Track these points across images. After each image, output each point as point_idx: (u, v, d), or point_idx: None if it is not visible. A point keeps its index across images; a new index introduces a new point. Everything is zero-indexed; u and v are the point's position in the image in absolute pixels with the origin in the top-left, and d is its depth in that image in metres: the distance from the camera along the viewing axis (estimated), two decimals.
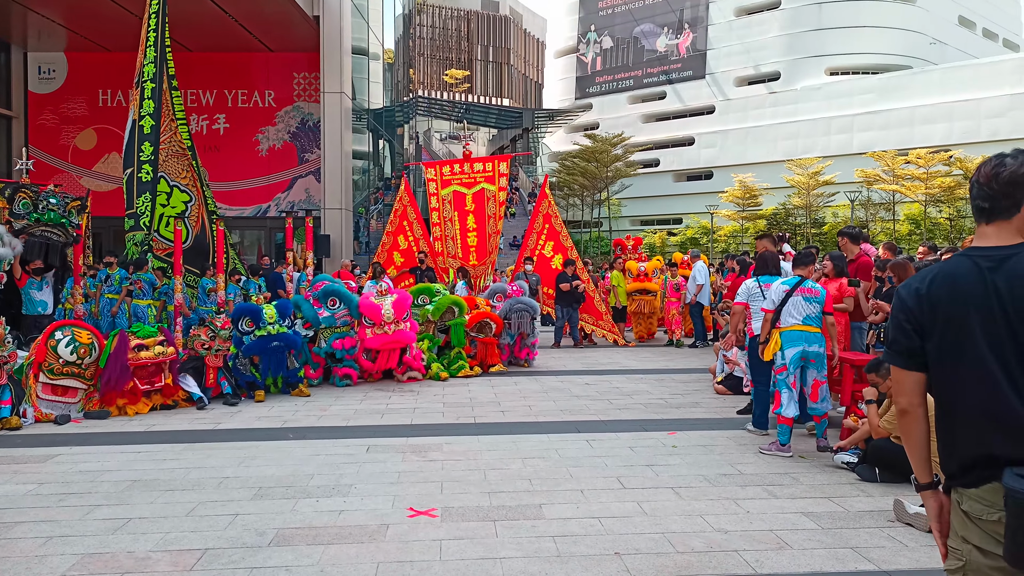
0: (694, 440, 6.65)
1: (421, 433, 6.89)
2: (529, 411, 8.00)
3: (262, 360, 8.80)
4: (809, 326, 6.34)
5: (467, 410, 8.04)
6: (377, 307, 9.67)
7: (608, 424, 7.33)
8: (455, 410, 8.03)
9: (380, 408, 8.16)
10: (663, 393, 9.19)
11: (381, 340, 9.62)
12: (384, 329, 9.67)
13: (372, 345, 9.63)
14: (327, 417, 7.68)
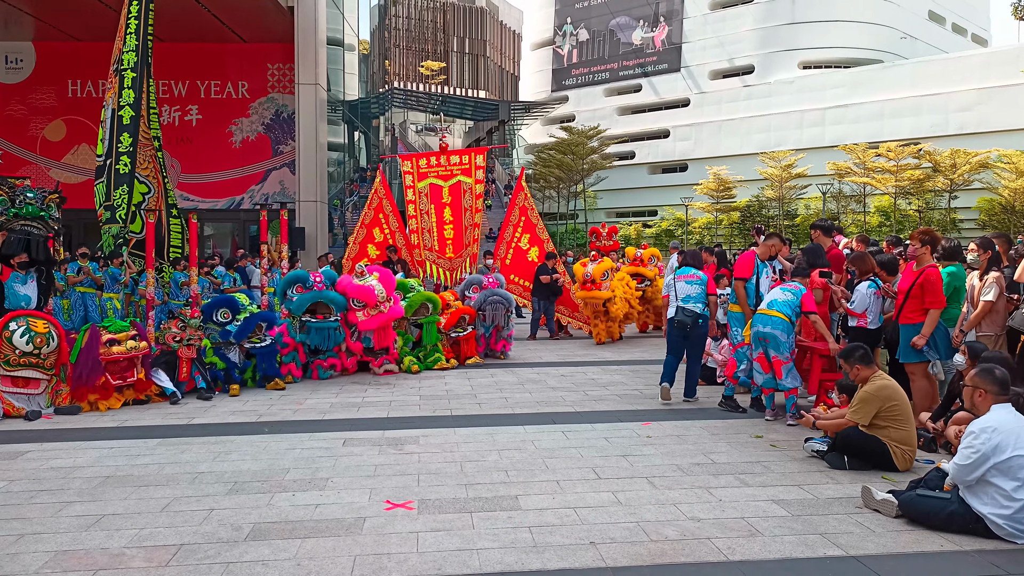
0: (668, 430, 6.71)
1: (398, 426, 6.89)
2: (505, 403, 8.02)
3: (258, 360, 8.92)
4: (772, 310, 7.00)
5: (444, 402, 8.04)
6: (369, 288, 9.68)
7: (584, 415, 7.37)
8: (432, 403, 8.03)
9: (356, 401, 8.14)
10: (638, 384, 9.24)
11: (378, 320, 9.67)
12: (380, 308, 9.72)
13: (370, 327, 9.67)
14: (303, 411, 7.65)
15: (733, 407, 7.49)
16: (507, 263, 14.74)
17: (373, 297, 9.68)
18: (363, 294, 9.66)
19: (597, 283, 13.65)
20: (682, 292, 7.91)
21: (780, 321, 6.90)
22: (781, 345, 6.90)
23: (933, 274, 6.52)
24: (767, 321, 6.96)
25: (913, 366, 6.58)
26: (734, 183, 47.12)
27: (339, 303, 9.67)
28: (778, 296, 7.09)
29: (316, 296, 9.60)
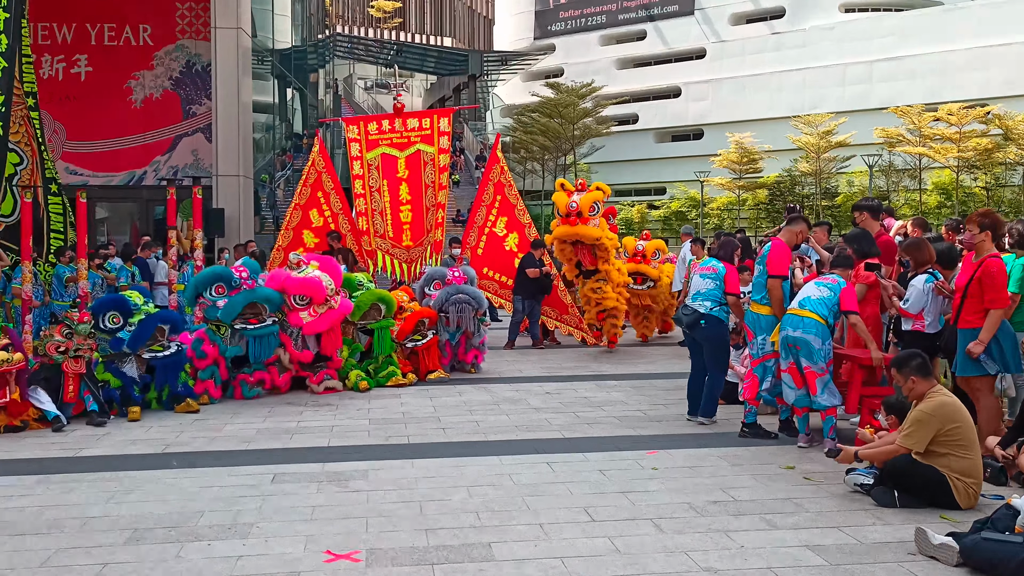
0: (679, 460, 6.77)
1: (341, 457, 6.88)
2: (476, 428, 8.04)
3: (158, 374, 8.87)
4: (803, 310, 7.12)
5: (399, 428, 8.04)
6: (315, 280, 9.70)
7: (574, 443, 7.40)
8: (384, 428, 8.03)
9: (289, 426, 8.12)
10: (642, 404, 9.29)
11: (328, 319, 9.72)
12: (330, 304, 9.74)
13: (319, 328, 9.70)
14: (222, 439, 7.61)
15: (758, 434, 7.55)
16: (479, 253, 14.78)
17: (322, 291, 9.70)
18: (308, 288, 9.67)
19: (647, 258, 13.96)
20: (695, 287, 8.05)
21: (813, 323, 6.97)
22: (815, 353, 6.97)
23: (994, 266, 6.53)
24: (798, 323, 7.03)
25: (977, 380, 6.58)
26: (760, 154, 47.64)
27: (275, 302, 9.67)
28: (812, 293, 7.15)
29: (249, 297, 9.58)
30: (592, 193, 12.33)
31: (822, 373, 7.00)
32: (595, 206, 12.21)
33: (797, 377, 7.15)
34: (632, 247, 14.49)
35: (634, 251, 14.33)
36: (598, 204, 12.28)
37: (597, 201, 12.28)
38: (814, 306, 7.05)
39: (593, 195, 12.32)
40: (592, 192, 12.37)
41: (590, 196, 12.25)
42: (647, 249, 14.30)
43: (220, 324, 9.49)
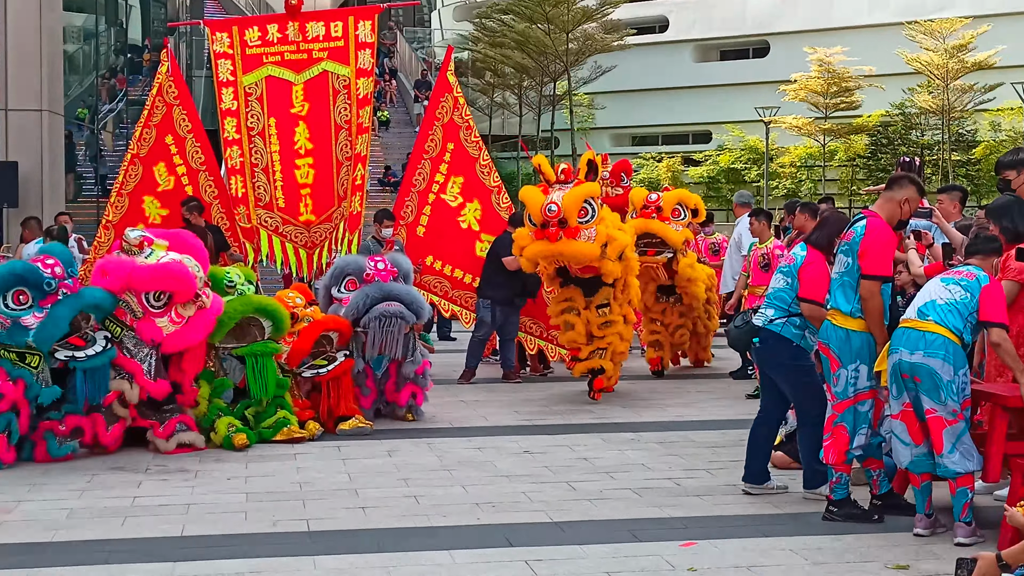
0: (730, 557, 6.77)
1: (202, 553, 6.83)
2: (415, 507, 8.03)
3: None
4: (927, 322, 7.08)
5: (294, 507, 8.01)
6: (177, 267, 9.68)
7: (567, 530, 7.40)
8: (271, 507, 8.00)
9: (120, 505, 8.06)
10: (672, 468, 9.31)
11: (201, 326, 9.80)
12: (201, 302, 9.78)
13: (187, 341, 9.75)
14: (13, 527, 7.53)
15: (852, 516, 7.57)
16: (419, 234, 14.74)
17: (189, 281, 9.67)
18: (168, 279, 9.63)
19: (666, 216, 14.17)
20: (928, 294, 7.75)
21: (942, 342, 6.96)
22: (943, 388, 6.95)
23: None
24: (918, 342, 7.05)
25: None
26: (858, 80, 47.73)
27: (106, 307, 9.62)
28: (937, 294, 7.17)
29: (77, 306, 9.48)
30: (583, 186, 11.72)
31: (953, 420, 6.97)
32: (588, 206, 11.64)
33: (915, 426, 7.16)
34: (640, 200, 14.56)
35: (645, 202, 14.40)
36: (592, 203, 11.70)
37: (591, 198, 11.75)
38: (941, 315, 7.06)
39: (585, 189, 11.70)
40: (583, 186, 11.74)
41: (580, 192, 11.61)
42: (664, 203, 14.33)
43: (28, 352, 9.40)
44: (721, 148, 52.68)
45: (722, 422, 11.49)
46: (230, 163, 14.87)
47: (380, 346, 11.12)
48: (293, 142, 14.93)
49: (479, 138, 15.22)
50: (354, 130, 14.78)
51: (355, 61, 14.97)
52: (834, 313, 7.63)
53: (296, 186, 14.85)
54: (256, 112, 14.92)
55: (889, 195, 7.82)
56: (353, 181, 14.64)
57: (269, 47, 15.06)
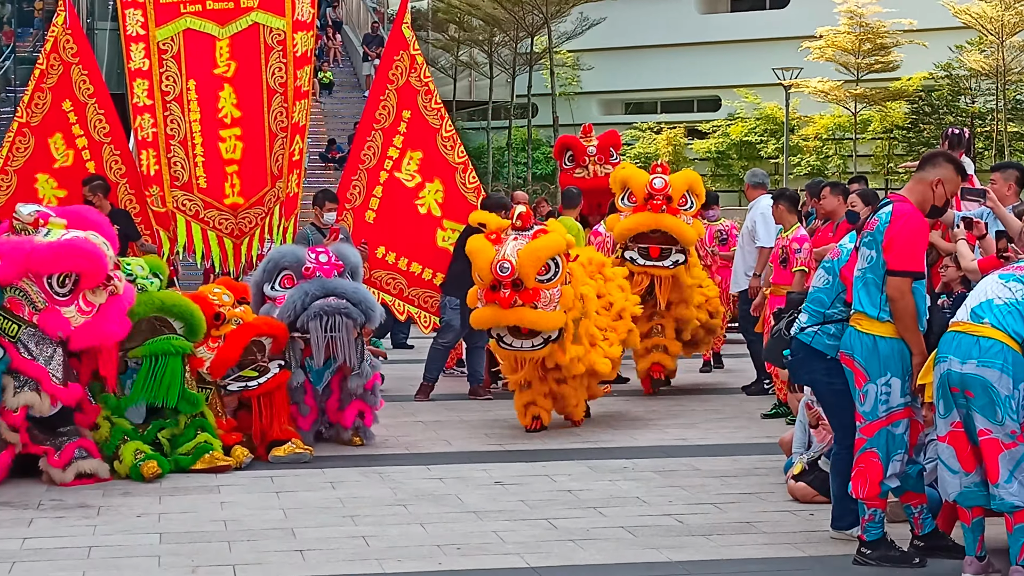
0: None
1: None
2: (364, 550, 8.00)
3: None
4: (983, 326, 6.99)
5: (218, 550, 7.99)
6: (83, 244, 9.64)
7: (548, 575, 7.41)
8: (189, 550, 7.96)
9: (7, 548, 8.00)
10: (674, 502, 9.31)
11: (115, 315, 9.70)
12: (114, 287, 9.74)
13: (101, 335, 9.68)
14: None
15: (888, 558, 7.60)
16: (369, 220, 14.74)
17: (99, 261, 9.59)
18: (73, 258, 9.58)
19: (675, 206, 14.01)
20: (983, 293, 7.75)
21: (1000, 350, 6.95)
22: (1000, 405, 6.92)
23: None
24: (970, 349, 7.02)
25: None
26: (895, 36, 47.82)
27: None
28: (995, 293, 7.17)
29: None
30: (546, 239, 11.64)
31: (1012, 444, 6.95)
32: (551, 263, 11.56)
33: (965, 451, 7.15)
34: (641, 187, 13.94)
35: (647, 193, 13.85)
36: (557, 258, 11.67)
37: (556, 254, 11.68)
38: (999, 318, 7.07)
39: (548, 242, 11.61)
40: (546, 237, 11.66)
41: (541, 246, 11.56)
42: (673, 188, 13.89)
43: None
44: (732, 117, 52.74)
45: (732, 447, 11.51)
46: (140, 134, 14.83)
47: (325, 352, 11.07)
48: (217, 109, 14.89)
49: (441, 105, 15.24)
50: (290, 95, 14.76)
51: (292, 11, 14.94)
52: (858, 317, 7.56)
53: (221, 162, 14.82)
54: (172, 73, 14.87)
55: (920, 176, 7.76)
56: (290, 157, 14.64)
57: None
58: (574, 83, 54.03)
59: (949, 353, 7.09)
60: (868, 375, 7.48)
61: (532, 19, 48.19)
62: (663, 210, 13.59)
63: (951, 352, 7.08)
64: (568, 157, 17.14)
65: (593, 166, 16.43)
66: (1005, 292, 7.14)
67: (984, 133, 44.70)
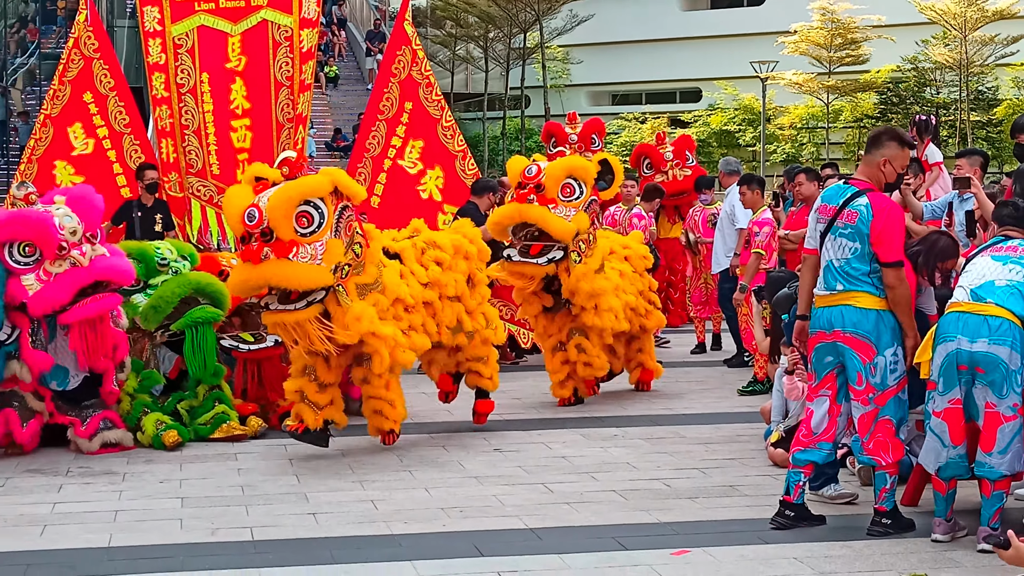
0: (729, 565, 6.81)
1: (131, 567, 6.81)
2: (372, 513, 8.05)
3: None
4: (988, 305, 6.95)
5: (236, 513, 8.02)
6: (37, 216, 9.48)
7: (545, 537, 7.42)
8: (210, 513, 7.99)
9: (38, 512, 8.03)
10: (661, 467, 9.35)
11: (69, 282, 9.38)
12: (75, 259, 9.42)
13: (53, 301, 9.29)
14: None
15: (902, 524, 7.48)
16: (374, 205, 14.70)
17: (48, 230, 9.39)
18: (22, 225, 9.49)
19: (547, 196, 11.51)
20: (980, 275, 7.42)
21: (1008, 328, 6.93)
22: (1008, 380, 6.93)
23: None
24: (979, 328, 6.98)
25: None
26: (865, 31, 47.81)
27: None
28: (995, 273, 7.10)
29: None
30: (302, 182, 9.26)
31: (1012, 416, 6.92)
32: (314, 211, 9.18)
33: (958, 425, 7.10)
34: (516, 175, 11.79)
35: (518, 181, 11.64)
36: (320, 205, 9.24)
37: (316, 198, 9.23)
38: (1002, 296, 7.00)
39: (303, 186, 9.18)
40: (302, 181, 9.28)
41: (294, 190, 9.09)
42: (548, 177, 11.55)
43: None
44: (712, 108, 52.64)
45: (716, 415, 11.54)
46: (159, 124, 14.79)
47: None
48: (229, 101, 14.84)
49: (441, 96, 15.19)
50: (296, 87, 14.72)
51: (299, 9, 14.89)
52: (856, 295, 7.42)
53: (232, 151, 14.77)
54: (187, 67, 14.82)
55: (869, 158, 7.67)
56: (294, 145, 14.60)
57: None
58: (564, 76, 53.93)
59: (956, 333, 7.03)
60: (877, 348, 7.37)
61: (525, 16, 48.12)
62: (531, 200, 11.41)
63: (959, 332, 7.03)
64: (552, 143, 17.13)
65: (573, 153, 16.37)
66: (1005, 273, 7.09)
67: (948, 122, 44.63)
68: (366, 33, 46.00)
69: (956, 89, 46.60)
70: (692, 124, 51.90)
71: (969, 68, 45.62)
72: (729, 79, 51.54)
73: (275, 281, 9.05)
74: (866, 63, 48.14)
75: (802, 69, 48.14)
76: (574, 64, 54.25)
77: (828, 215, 7.53)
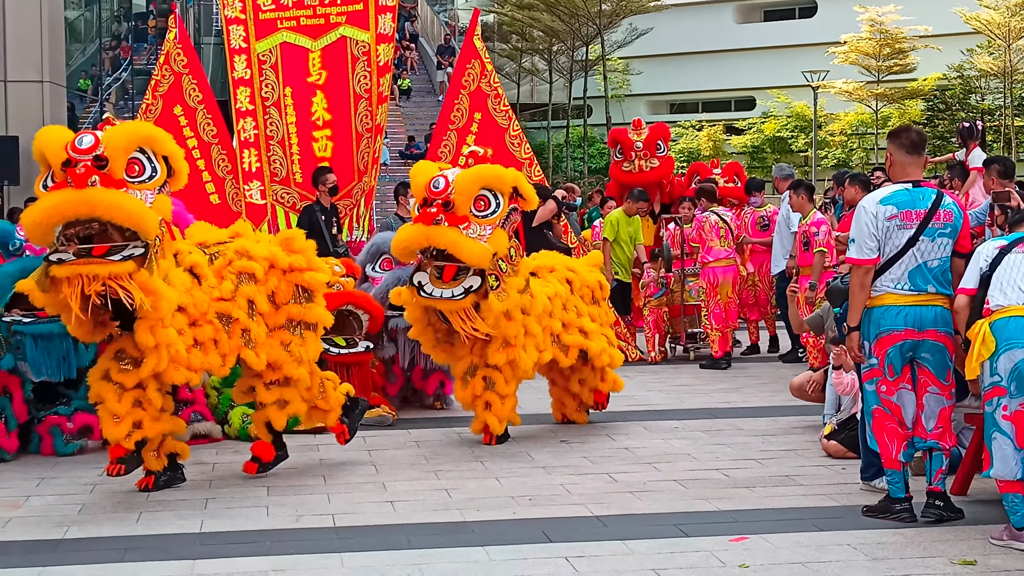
0: (785, 551, 6.77)
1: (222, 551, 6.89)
2: (446, 501, 8.08)
3: None
4: None
5: (318, 501, 8.08)
6: None
7: (609, 524, 7.42)
8: (293, 501, 8.08)
9: (134, 500, 8.09)
10: (720, 458, 9.35)
11: None
12: None
13: None
14: (22, 521, 7.58)
15: (954, 509, 7.44)
16: None
17: None
18: None
19: (458, 214, 9.59)
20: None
21: None
22: None
23: None
24: None
25: None
26: (912, 40, 47.42)
27: None
28: None
29: (28, 266, 8.98)
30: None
31: None
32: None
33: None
34: (421, 190, 9.80)
35: (423, 197, 9.69)
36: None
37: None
38: None
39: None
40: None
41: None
42: (457, 191, 9.60)
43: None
44: (766, 115, 52.43)
45: (771, 409, 11.52)
46: (243, 136, 14.90)
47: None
48: (310, 113, 14.94)
49: (509, 107, 15.23)
50: (374, 99, 14.80)
51: (375, 26, 14.97)
52: (945, 298, 7.34)
53: (314, 159, 14.86)
54: (271, 81, 14.93)
55: (916, 159, 7.59)
56: (374, 156, 14.68)
57: (284, 11, 15.05)
58: (624, 86, 53.90)
59: (1016, 335, 6.81)
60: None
61: (587, 30, 48.10)
62: (439, 220, 9.47)
63: (1018, 333, 6.82)
64: (618, 150, 17.02)
65: (639, 160, 16.27)
66: None
67: (993, 128, 44.14)
68: (437, 47, 46.16)
69: (1000, 96, 46.09)
70: (747, 131, 51.76)
71: (1013, 76, 45.13)
72: (782, 88, 51.37)
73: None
74: (913, 71, 47.79)
75: (852, 78, 47.88)
76: (634, 75, 54.20)
77: (915, 219, 7.31)
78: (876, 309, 7.38)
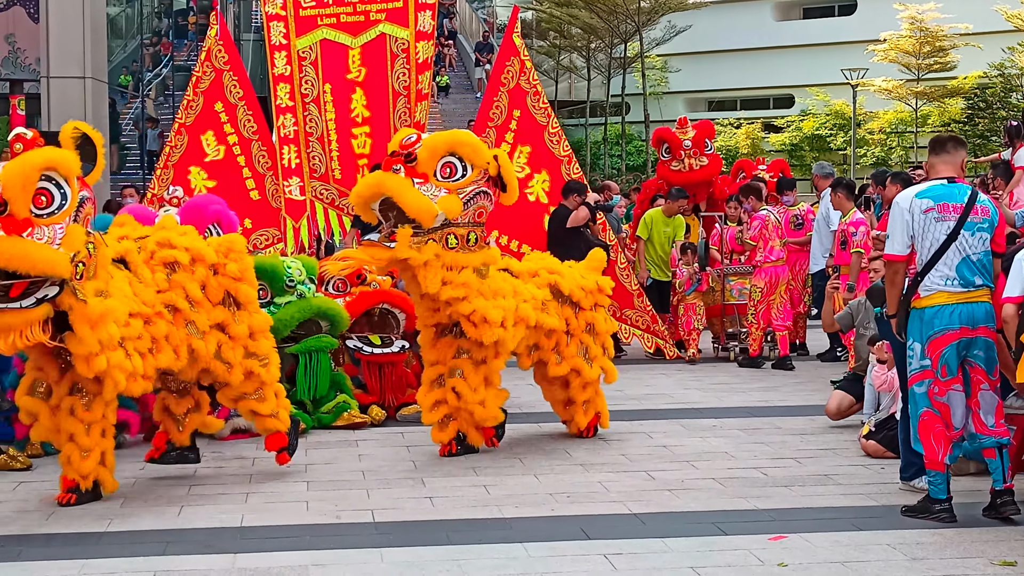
0: (824, 551, 6.76)
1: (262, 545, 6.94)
2: (484, 498, 8.09)
3: None
4: None
5: (357, 496, 8.13)
6: None
7: (647, 521, 7.43)
8: (333, 496, 8.11)
9: (176, 494, 8.16)
10: (758, 456, 9.34)
11: None
12: None
13: None
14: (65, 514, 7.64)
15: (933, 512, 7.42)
16: None
17: None
18: None
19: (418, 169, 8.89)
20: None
21: None
22: None
23: None
24: None
25: None
26: (953, 39, 47.15)
27: None
28: None
29: None
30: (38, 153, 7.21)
31: None
32: (54, 188, 7.25)
33: None
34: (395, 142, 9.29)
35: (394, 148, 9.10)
36: (62, 184, 7.28)
37: (52, 169, 7.24)
38: None
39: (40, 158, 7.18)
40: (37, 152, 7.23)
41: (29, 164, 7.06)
42: (424, 149, 8.94)
43: None
44: (804, 113, 52.12)
45: (809, 407, 11.42)
46: (283, 132, 14.91)
47: None
48: (350, 109, 14.94)
49: (547, 104, 15.18)
50: (413, 97, 14.79)
51: (415, 23, 14.95)
52: (988, 292, 7.40)
53: (353, 156, 14.86)
54: (310, 77, 14.95)
55: (950, 158, 7.63)
56: None
57: (324, 8, 15.06)
58: (663, 84, 53.71)
59: None
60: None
61: (625, 27, 47.89)
62: (396, 169, 8.76)
63: None
64: (664, 149, 16.85)
65: (688, 159, 16.11)
66: None
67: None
68: (475, 45, 46.15)
69: None
70: (785, 129, 51.53)
71: None
72: (821, 86, 51.03)
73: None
74: (953, 69, 47.44)
75: (891, 76, 47.54)
76: (672, 72, 53.99)
77: (954, 212, 7.34)
78: (928, 309, 7.37)
